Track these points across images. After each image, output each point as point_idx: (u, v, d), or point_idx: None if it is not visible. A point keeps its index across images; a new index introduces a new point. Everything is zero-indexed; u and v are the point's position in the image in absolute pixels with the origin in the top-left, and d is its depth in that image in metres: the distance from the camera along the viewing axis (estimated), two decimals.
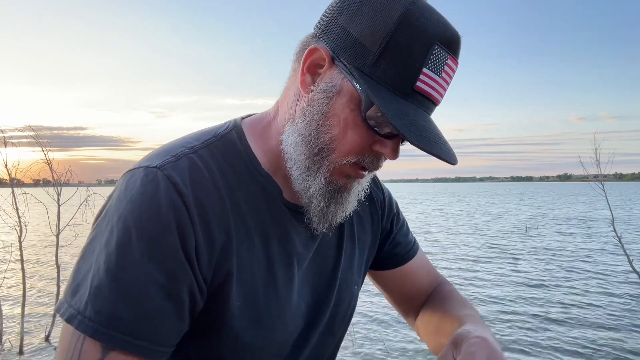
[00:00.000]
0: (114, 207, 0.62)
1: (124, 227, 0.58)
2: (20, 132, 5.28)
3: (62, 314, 0.58)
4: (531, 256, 10.40)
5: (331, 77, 0.65)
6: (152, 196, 0.60)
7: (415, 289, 0.96)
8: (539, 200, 39.48)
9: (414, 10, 0.60)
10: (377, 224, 0.91)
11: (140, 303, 0.57)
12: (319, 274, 0.79)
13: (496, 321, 5.71)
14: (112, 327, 0.56)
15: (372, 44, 0.61)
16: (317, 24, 0.68)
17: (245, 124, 0.75)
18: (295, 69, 0.70)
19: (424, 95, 0.63)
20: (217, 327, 0.66)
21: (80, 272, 0.60)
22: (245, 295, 0.66)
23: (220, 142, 0.70)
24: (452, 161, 0.63)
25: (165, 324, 0.59)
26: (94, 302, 0.56)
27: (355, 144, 0.65)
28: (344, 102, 0.64)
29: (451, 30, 0.63)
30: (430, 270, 0.99)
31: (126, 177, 0.64)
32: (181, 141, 0.69)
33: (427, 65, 0.61)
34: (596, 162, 5.71)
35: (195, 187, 0.62)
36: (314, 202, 0.69)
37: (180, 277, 0.60)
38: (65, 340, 0.58)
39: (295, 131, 0.68)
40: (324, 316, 0.79)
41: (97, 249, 0.60)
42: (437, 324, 0.85)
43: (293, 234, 0.73)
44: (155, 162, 0.63)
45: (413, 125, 0.60)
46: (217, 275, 0.64)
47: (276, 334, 0.70)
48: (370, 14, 0.61)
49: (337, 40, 0.64)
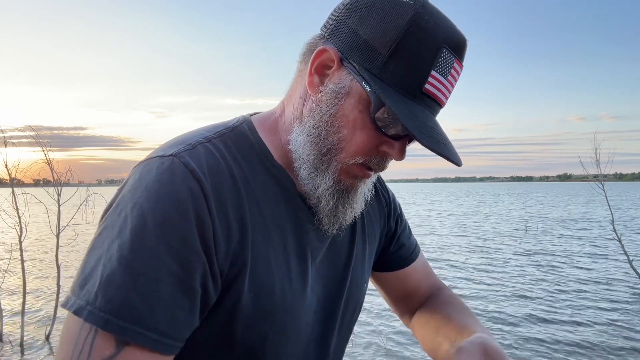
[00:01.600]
0: (127, 196, 0.59)
1: (140, 214, 0.57)
2: (20, 132, 5.29)
3: (70, 307, 0.56)
4: (531, 256, 10.40)
5: (340, 78, 0.65)
6: (169, 183, 0.58)
7: (415, 291, 0.96)
8: (538, 201, 39.49)
9: (423, 14, 0.61)
10: (383, 224, 0.92)
11: (153, 292, 0.55)
12: (332, 270, 0.78)
13: (496, 321, 5.71)
14: (123, 317, 0.53)
15: (382, 46, 0.61)
16: (325, 25, 0.68)
17: (254, 119, 0.75)
18: (302, 70, 0.71)
19: (431, 97, 0.63)
20: (229, 318, 0.64)
21: (88, 264, 0.58)
22: (261, 286, 0.65)
23: (233, 134, 0.70)
24: (458, 162, 0.64)
25: (177, 315, 0.57)
26: (104, 292, 0.54)
27: (363, 145, 0.65)
28: (352, 103, 0.64)
29: (459, 34, 0.64)
30: (430, 273, 0.99)
31: (139, 168, 0.62)
32: (194, 133, 0.68)
33: (436, 68, 0.62)
34: (596, 162, 5.72)
35: (212, 174, 0.62)
36: (323, 202, 0.69)
37: (196, 267, 0.58)
38: (72, 333, 0.55)
39: (303, 131, 0.68)
40: (335, 312, 0.79)
41: (107, 239, 0.58)
42: (436, 325, 0.85)
43: (308, 227, 0.72)
44: (171, 150, 0.62)
45: (423, 127, 0.61)
46: (233, 266, 0.63)
47: (289, 327, 0.69)
48: (380, 16, 0.62)
49: (346, 42, 0.64)
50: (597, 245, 12.03)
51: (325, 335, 0.78)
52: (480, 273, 8.53)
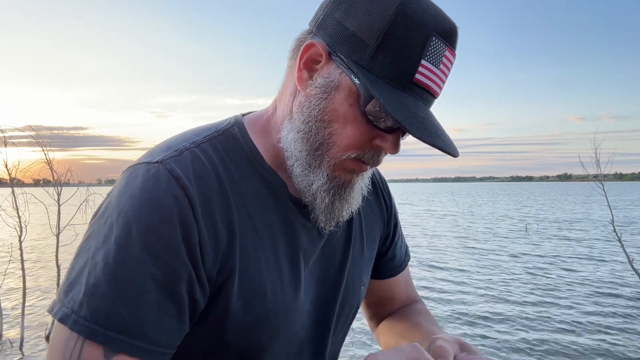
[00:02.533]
0: (114, 203, 0.60)
1: (124, 222, 0.57)
2: (20, 132, 5.29)
3: (55, 314, 0.56)
4: (531, 256, 10.40)
5: (328, 72, 0.64)
6: (153, 190, 0.58)
7: (391, 300, 0.96)
8: (538, 200, 39.46)
9: (410, 2, 0.60)
10: (383, 228, 0.91)
11: (139, 300, 0.55)
12: (326, 272, 0.77)
13: (495, 322, 5.71)
14: (110, 327, 0.53)
15: (369, 37, 0.60)
16: (312, 19, 0.68)
17: (246, 120, 0.74)
18: (292, 66, 0.70)
19: (423, 87, 0.62)
20: (219, 323, 0.64)
21: (74, 270, 0.58)
22: (252, 291, 0.65)
23: (222, 137, 0.69)
24: (453, 153, 0.62)
25: (164, 323, 0.57)
26: (89, 301, 0.54)
27: (355, 139, 0.64)
28: (342, 97, 0.63)
29: (448, 21, 0.62)
30: (410, 285, 1.00)
31: (127, 173, 0.63)
32: (182, 137, 0.68)
33: (426, 57, 0.60)
34: (596, 162, 5.72)
35: (199, 181, 0.61)
36: (318, 199, 0.68)
37: (181, 274, 0.58)
38: (60, 341, 0.55)
39: (293, 128, 0.67)
40: (330, 315, 0.78)
41: (93, 246, 0.58)
42: (403, 331, 0.86)
43: (299, 229, 0.71)
44: (157, 157, 0.62)
45: (414, 118, 0.59)
46: (222, 272, 0.62)
47: (282, 331, 0.68)
48: (366, 7, 0.61)
49: (333, 35, 0.63)
50: (596, 245, 12.03)
51: (319, 337, 0.77)
52: (481, 273, 8.53)
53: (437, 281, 7.85)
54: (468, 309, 6.20)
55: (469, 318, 5.83)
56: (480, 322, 5.68)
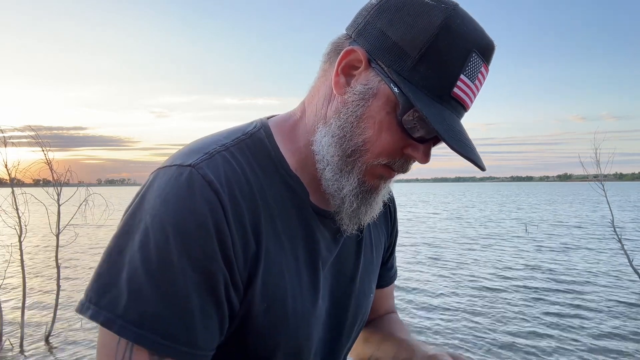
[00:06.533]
0: (146, 206, 0.60)
1: (160, 227, 0.57)
2: (20, 132, 5.29)
3: (92, 316, 0.56)
4: (531, 256, 10.40)
5: (367, 79, 0.64)
6: (187, 195, 0.58)
7: (377, 310, 0.97)
8: (538, 201, 39.48)
9: (455, 17, 0.61)
10: (387, 237, 0.92)
11: (183, 306, 0.56)
12: (338, 279, 0.78)
13: (495, 322, 5.71)
14: (156, 332, 0.55)
15: (412, 48, 0.61)
16: (351, 25, 0.68)
17: (272, 123, 0.74)
18: (326, 70, 0.70)
19: (458, 101, 0.63)
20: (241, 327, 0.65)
21: (109, 273, 0.58)
22: (274, 296, 0.65)
23: (250, 141, 0.69)
24: (483, 167, 0.64)
25: (207, 327, 0.58)
26: (135, 306, 0.55)
27: (388, 147, 0.65)
28: (380, 105, 0.64)
29: (487, 38, 0.64)
30: (392, 297, 1.02)
31: (158, 175, 0.63)
32: (212, 139, 0.68)
33: (465, 72, 0.62)
34: (596, 162, 5.72)
35: (230, 185, 0.62)
36: (346, 203, 0.69)
37: (219, 278, 0.59)
38: (110, 348, 0.56)
39: (329, 132, 0.67)
40: (342, 321, 0.79)
41: (128, 249, 0.58)
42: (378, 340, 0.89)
43: (319, 237, 0.72)
44: (189, 160, 0.62)
45: (452, 131, 0.61)
46: (249, 276, 0.63)
47: (300, 337, 0.69)
48: (410, 18, 0.62)
49: (374, 43, 0.64)
50: (596, 245, 12.03)
51: (332, 343, 0.78)
52: (480, 273, 8.53)
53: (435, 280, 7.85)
54: (468, 309, 6.20)
55: (469, 317, 5.83)
56: (480, 321, 5.68)
